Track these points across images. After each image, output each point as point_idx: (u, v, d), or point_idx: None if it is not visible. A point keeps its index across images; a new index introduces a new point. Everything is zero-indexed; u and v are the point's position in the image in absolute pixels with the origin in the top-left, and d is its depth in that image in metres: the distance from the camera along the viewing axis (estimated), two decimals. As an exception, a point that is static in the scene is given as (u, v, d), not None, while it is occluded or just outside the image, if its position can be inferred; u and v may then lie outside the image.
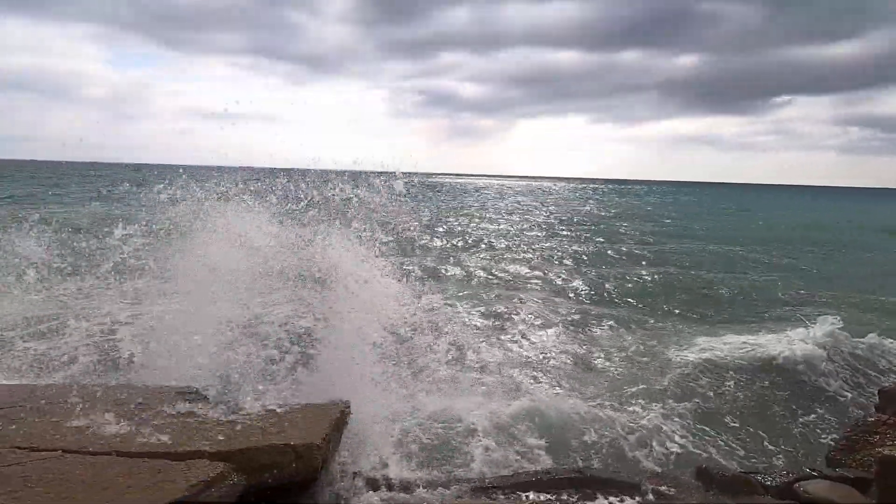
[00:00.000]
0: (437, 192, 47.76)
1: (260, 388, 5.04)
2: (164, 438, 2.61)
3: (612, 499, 3.45)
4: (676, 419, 5.14)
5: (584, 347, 7.23)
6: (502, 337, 7.51)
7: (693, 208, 43.39)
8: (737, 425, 5.09)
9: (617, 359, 6.78)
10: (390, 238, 5.02)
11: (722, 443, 4.79)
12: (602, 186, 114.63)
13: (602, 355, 6.90)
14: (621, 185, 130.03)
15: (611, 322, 8.53)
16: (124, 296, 7.14)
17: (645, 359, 6.79)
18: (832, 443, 4.53)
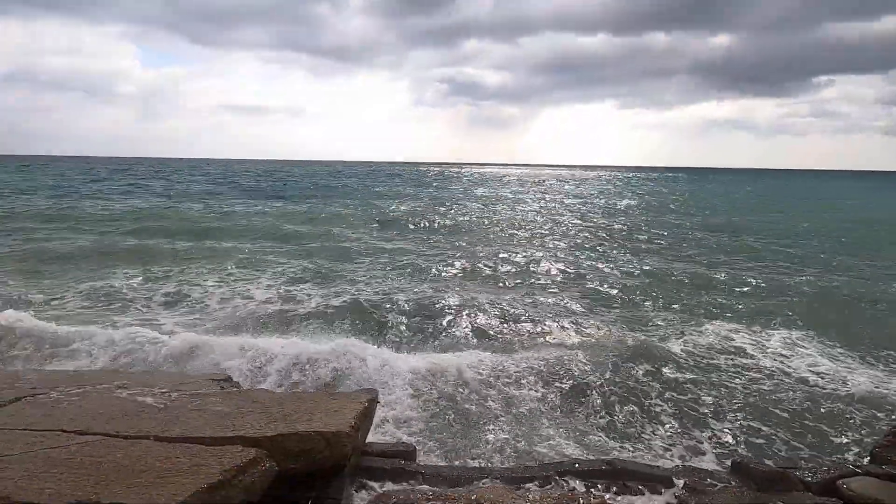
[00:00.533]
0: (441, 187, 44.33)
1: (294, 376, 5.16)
2: (200, 424, 2.68)
3: (643, 494, 3.39)
4: (710, 412, 5.02)
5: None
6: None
7: (746, 198, 38.27)
8: (772, 419, 4.93)
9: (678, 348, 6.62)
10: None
11: (758, 438, 4.65)
12: (633, 175, 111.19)
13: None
14: (652, 173, 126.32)
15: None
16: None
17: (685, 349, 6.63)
18: (876, 438, 4.34)
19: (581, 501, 2.98)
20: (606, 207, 27.69)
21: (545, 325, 7.52)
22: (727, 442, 4.56)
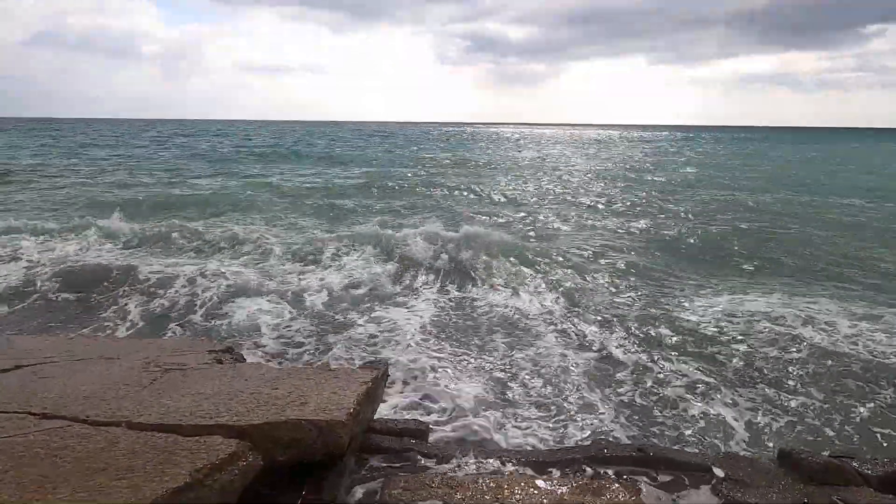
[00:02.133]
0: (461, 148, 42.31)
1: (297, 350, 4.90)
2: (181, 407, 2.41)
3: (681, 484, 3.04)
4: (745, 392, 4.58)
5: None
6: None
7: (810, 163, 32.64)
8: (820, 403, 4.47)
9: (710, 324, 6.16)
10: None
11: (806, 422, 4.20)
12: (665, 134, 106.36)
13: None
14: (686, 132, 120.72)
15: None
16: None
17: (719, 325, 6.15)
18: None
19: (613, 490, 2.65)
20: (680, 178, 22.55)
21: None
22: (772, 426, 4.14)
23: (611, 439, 3.79)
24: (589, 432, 3.99)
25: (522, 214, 13.26)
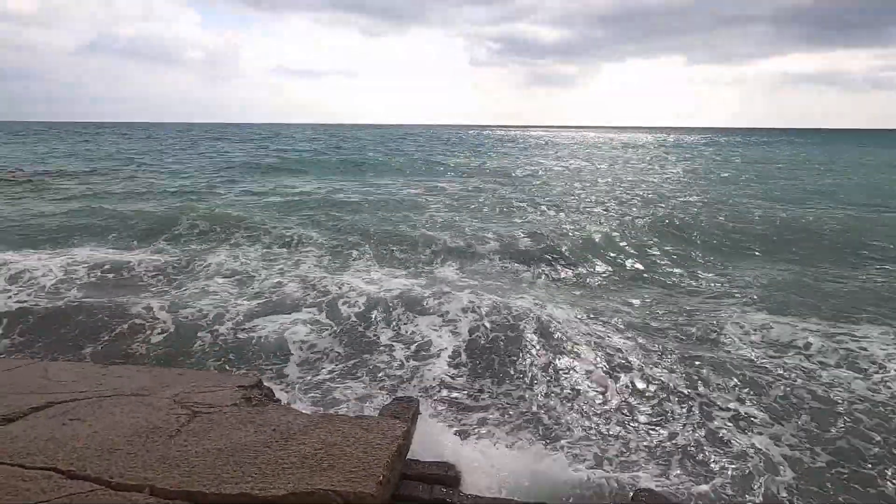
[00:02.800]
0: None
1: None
2: (204, 466, 2.32)
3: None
4: (790, 431, 4.24)
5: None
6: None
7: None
8: (871, 449, 4.08)
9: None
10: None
11: (860, 473, 3.84)
12: (703, 137, 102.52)
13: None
14: (725, 135, 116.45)
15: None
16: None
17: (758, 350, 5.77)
18: None
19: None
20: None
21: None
22: (820, 473, 3.79)
23: (654, 488, 3.55)
24: (627, 476, 3.75)
25: (568, 226, 12.89)
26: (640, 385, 5.08)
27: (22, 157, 30.94)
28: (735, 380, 5.11)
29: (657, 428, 4.44)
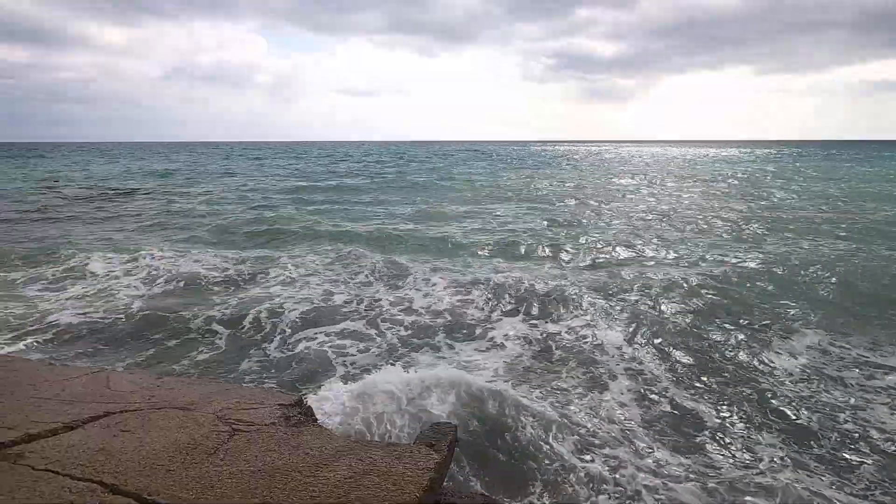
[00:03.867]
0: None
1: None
2: (238, 489, 2.35)
3: None
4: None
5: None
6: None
7: None
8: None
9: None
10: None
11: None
12: (794, 151, 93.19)
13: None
14: (798, 147, 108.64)
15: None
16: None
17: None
18: None
19: None
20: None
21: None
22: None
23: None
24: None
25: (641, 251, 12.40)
26: None
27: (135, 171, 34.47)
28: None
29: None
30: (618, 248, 12.11)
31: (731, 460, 4.20)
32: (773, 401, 5.10)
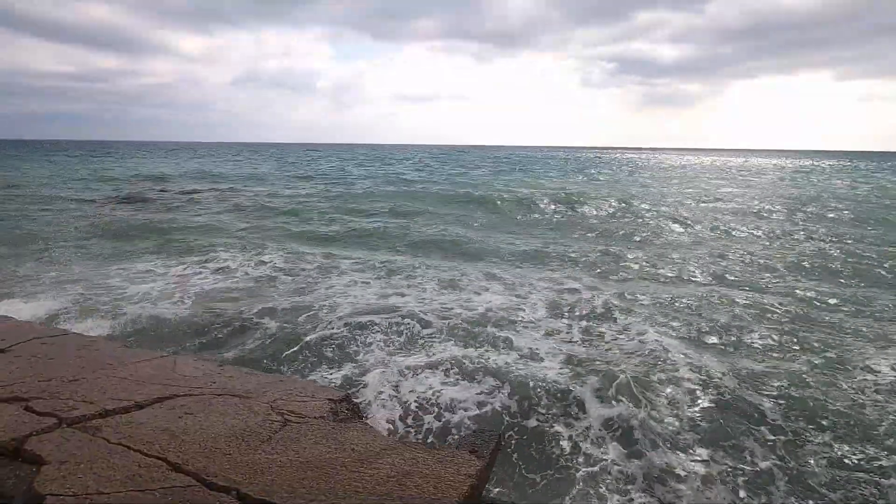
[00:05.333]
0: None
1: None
2: (288, 478, 2.47)
3: None
4: None
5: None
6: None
7: None
8: None
9: None
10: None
11: None
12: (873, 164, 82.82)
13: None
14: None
15: None
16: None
17: None
18: None
19: None
20: None
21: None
22: None
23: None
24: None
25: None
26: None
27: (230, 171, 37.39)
28: None
29: None
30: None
31: None
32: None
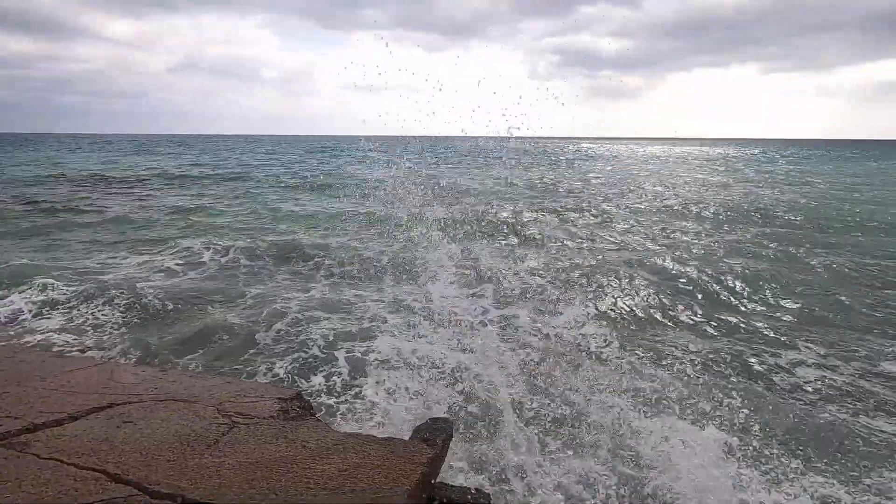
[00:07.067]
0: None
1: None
2: (236, 481, 2.42)
3: None
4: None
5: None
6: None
7: None
8: None
9: None
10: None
11: None
12: (811, 151, 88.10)
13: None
14: (810, 150, 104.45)
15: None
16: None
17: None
18: None
19: None
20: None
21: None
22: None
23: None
24: None
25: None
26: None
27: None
28: None
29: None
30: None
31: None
32: None
